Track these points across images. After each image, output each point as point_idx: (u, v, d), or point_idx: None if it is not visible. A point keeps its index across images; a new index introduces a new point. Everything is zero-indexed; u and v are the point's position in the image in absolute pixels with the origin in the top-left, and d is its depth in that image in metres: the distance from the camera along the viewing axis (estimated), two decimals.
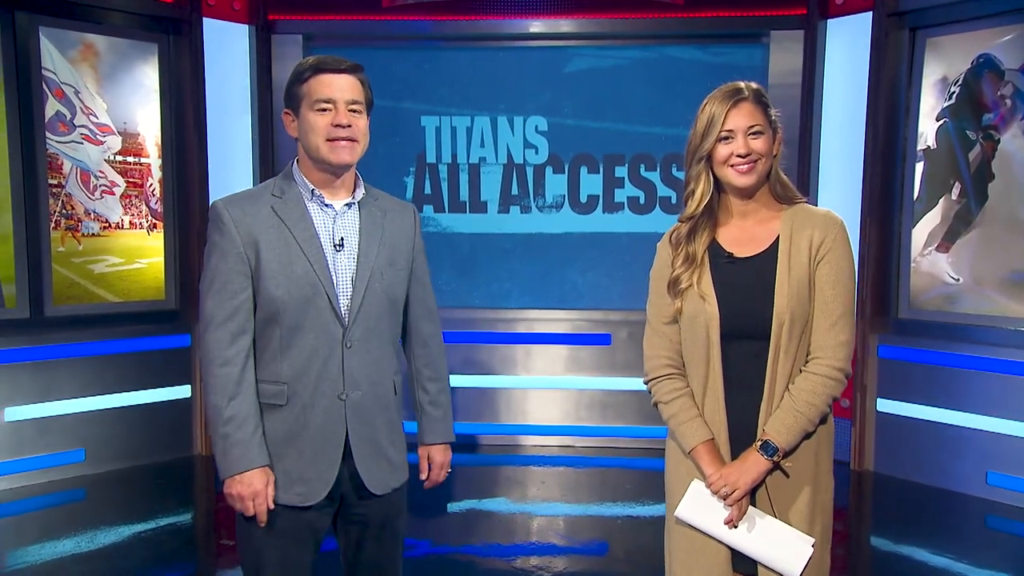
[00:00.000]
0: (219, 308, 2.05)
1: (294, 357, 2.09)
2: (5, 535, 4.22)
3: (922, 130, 4.80)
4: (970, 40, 4.57)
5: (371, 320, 2.15)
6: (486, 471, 5.23)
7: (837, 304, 2.00)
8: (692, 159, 2.07)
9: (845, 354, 2.02)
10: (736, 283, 2.05)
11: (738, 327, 2.04)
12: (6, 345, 4.71)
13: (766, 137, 2.01)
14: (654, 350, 2.16)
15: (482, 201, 5.66)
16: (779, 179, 2.08)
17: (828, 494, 2.09)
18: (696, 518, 2.06)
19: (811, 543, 1.99)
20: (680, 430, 2.10)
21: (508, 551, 4.03)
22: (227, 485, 2.05)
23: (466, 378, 5.56)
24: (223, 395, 2.04)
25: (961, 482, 4.65)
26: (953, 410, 4.68)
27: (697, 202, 2.06)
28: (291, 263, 2.07)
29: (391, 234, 2.20)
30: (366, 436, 2.16)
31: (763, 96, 2.04)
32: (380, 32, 5.44)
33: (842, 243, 2.02)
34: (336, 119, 2.03)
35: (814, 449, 2.05)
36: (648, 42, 5.42)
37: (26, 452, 4.80)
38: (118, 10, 4.98)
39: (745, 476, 1.99)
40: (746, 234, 2.08)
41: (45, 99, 4.81)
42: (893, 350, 4.92)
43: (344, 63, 2.07)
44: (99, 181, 5.03)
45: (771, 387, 2.02)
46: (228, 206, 2.08)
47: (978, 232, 4.58)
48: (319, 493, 2.10)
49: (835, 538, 4.33)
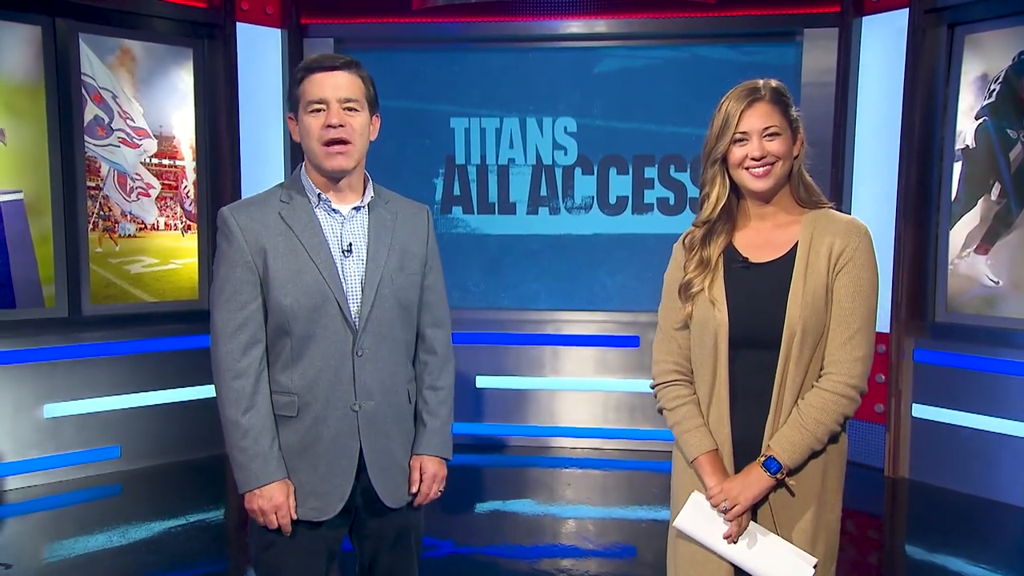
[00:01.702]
0: (229, 319, 2.02)
1: (305, 367, 2.05)
2: (43, 529, 4.31)
3: (960, 129, 4.73)
4: (1012, 36, 4.50)
5: (382, 326, 2.10)
6: (513, 472, 5.26)
7: (855, 317, 1.94)
8: (707, 161, 2.03)
9: (861, 371, 1.95)
10: (749, 289, 2.01)
11: (748, 335, 1.99)
12: (45, 343, 4.78)
13: (784, 139, 1.95)
14: (662, 355, 2.13)
15: (511, 202, 5.68)
16: (803, 182, 2.03)
17: (834, 514, 2.05)
18: (695, 530, 2.04)
19: (813, 564, 1.95)
20: (683, 439, 2.06)
21: (532, 552, 4.03)
22: (248, 500, 2.02)
23: (494, 379, 5.61)
24: (238, 408, 2.01)
25: (1000, 491, 4.58)
26: (992, 416, 4.62)
27: (712, 206, 2.02)
28: (300, 271, 2.03)
29: (402, 237, 2.15)
30: (381, 448, 2.12)
31: (783, 95, 1.98)
32: (410, 34, 5.48)
33: (865, 252, 1.96)
34: (328, 119, 1.97)
35: (822, 468, 2.00)
36: (679, 42, 5.42)
37: (64, 448, 4.87)
38: (154, 16, 5.04)
39: (747, 492, 1.96)
40: (763, 239, 2.04)
41: (84, 104, 4.88)
42: (929, 354, 4.88)
43: (338, 60, 2.01)
44: (135, 183, 5.08)
45: (778, 400, 1.98)
46: (235, 213, 2.05)
47: (1019, 233, 4.51)
48: (334, 507, 2.07)
49: (869, 546, 4.21)
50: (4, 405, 4.70)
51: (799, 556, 1.95)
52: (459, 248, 5.74)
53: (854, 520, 4.62)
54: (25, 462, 4.79)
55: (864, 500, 4.77)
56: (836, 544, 2.05)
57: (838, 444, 2.00)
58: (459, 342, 5.66)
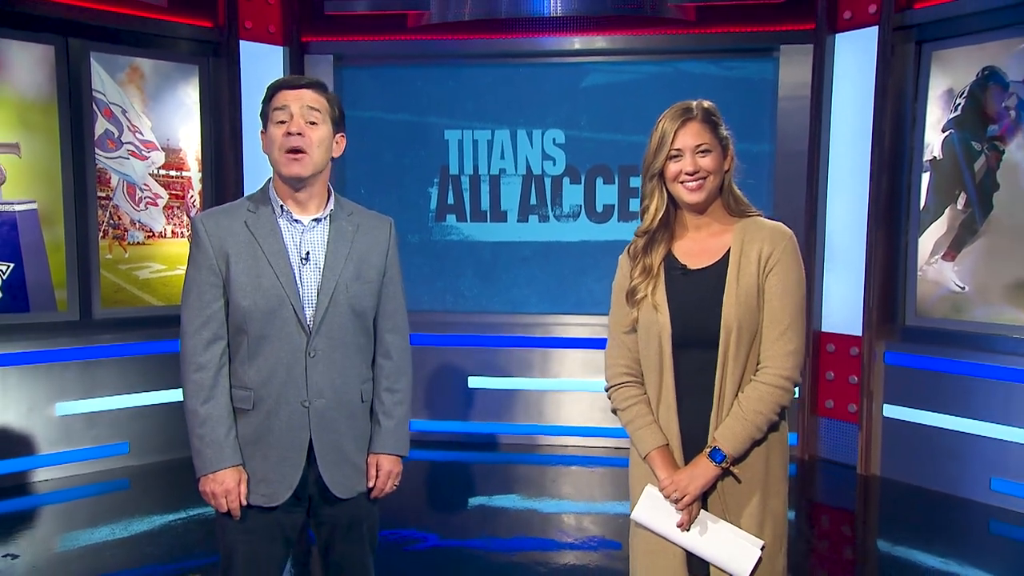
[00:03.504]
0: (194, 317, 2.06)
1: (260, 365, 2.09)
2: (54, 521, 4.35)
3: (928, 141, 4.76)
4: (975, 53, 4.53)
5: (335, 331, 2.13)
6: (502, 468, 5.26)
7: (785, 315, 1.99)
8: (646, 175, 2.07)
9: (793, 363, 2.00)
10: (688, 294, 2.05)
11: (689, 336, 2.03)
12: (57, 345, 4.81)
13: (715, 155, 2.00)
14: (613, 359, 2.16)
15: (502, 211, 5.68)
16: (732, 193, 2.07)
17: (780, 499, 2.09)
18: (650, 521, 2.07)
19: (760, 546, 1.99)
20: (636, 436, 2.10)
21: (516, 545, 4.04)
22: (202, 483, 2.06)
23: (485, 379, 5.60)
24: (197, 398, 2.05)
25: (965, 488, 4.60)
26: (958, 416, 4.63)
27: (652, 217, 2.06)
28: (259, 275, 2.07)
29: (361, 248, 2.17)
30: (330, 442, 2.14)
31: (713, 115, 2.03)
32: (406, 51, 5.49)
33: (791, 255, 2.01)
34: (288, 127, 2.01)
35: (765, 455, 2.04)
36: (662, 57, 5.41)
37: (74, 444, 4.89)
38: (162, 35, 5.06)
39: (695, 482, 1.99)
40: (699, 246, 2.08)
41: (95, 118, 4.90)
42: (899, 356, 4.88)
43: (304, 79, 2.07)
44: (144, 193, 5.10)
45: (720, 394, 2.02)
46: (205, 220, 2.09)
47: (983, 241, 4.54)
48: (282, 495, 2.10)
49: (842, 540, 4.27)
50: (18, 403, 4.72)
51: (747, 540, 1.99)
52: (452, 254, 5.76)
53: (828, 516, 4.74)
54: (38, 457, 4.81)
55: (837, 497, 4.84)
56: (784, 526, 2.09)
57: (779, 432, 2.06)
58: (452, 344, 5.43)
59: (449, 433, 5.68)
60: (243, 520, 2.10)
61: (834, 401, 5.24)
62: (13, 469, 4.70)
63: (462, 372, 5.63)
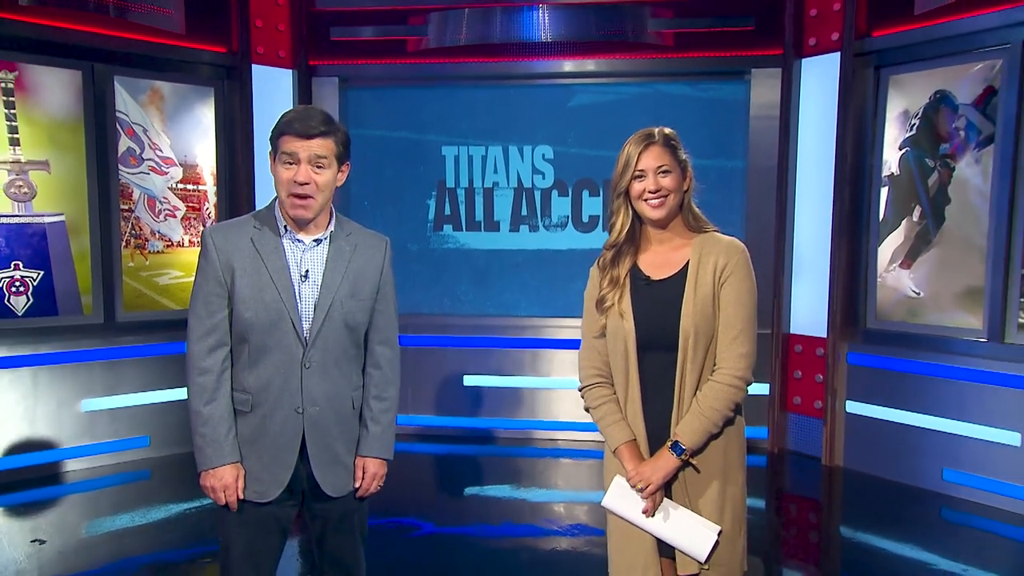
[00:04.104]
0: (200, 324, 2.06)
1: (259, 372, 2.08)
2: (80, 509, 4.36)
3: (886, 158, 4.78)
4: (928, 78, 4.55)
5: (330, 343, 2.12)
6: (496, 461, 5.26)
7: (738, 320, 2.03)
8: (613, 194, 2.09)
9: (745, 364, 2.03)
10: (651, 302, 2.07)
11: (652, 341, 2.06)
12: (83, 346, 4.82)
13: (674, 175, 2.03)
14: (585, 361, 2.19)
15: (495, 221, 5.68)
16: (691, 211, 2.11)
17: (737, 487, 2.11)
18: (620, 508, 2.10)
19: (717, 531, 2.03)
20: (606, 432, 2.12)
21: (508, 531, 4.08)
22: (203, 478, 2.07)
23: (480, 378, 5.60)
24: (200, 400, 2.05)
25: (920, 478, 4.64)
26: (914, 412, 4.66)
27: (618, 232, 2.10)
28: (262, 290, 2.06)
29: (357, 266, 2.16)
30: (323, 446, 2.14)
31: (672, 140, 2.06)
32: (406, 74, 5.51)
33: (743, 267, 2.05)
34: (297, 175, 2.00)
35: (722, 447, 2.07)
36: (643, 79, 5.41)
37: (99, 438, 4.91)
38: (181, 60, 5.07)
39: (658, 472, 2.02)
40: (661, 259, 2.11)
41: (118, 137, 4.90)
42: (861, 357, 4.90)
43: (313, 129, 2.00)
44: (163, 206, 5.10)
45: (680, 393, 2.05)
46: (214, 234, 2.09)
47: (936, 251, 4.57)
48: (273, 492, 2.10)
49: (808, 527, 4.28)
50: (48, 400, 4.74)
51: (705, 526, 2.03)
52: (449, 261, 5.75)
53: (795, 504, 4.74)
54: (65, 450, 4.81)
55: (804, 486, 4.88)
56: (743, 511, 2.12)
57: (735, 426, 2.09)
58: (449, 344, 5.46)
59: (446, 428, 5.67)
60: (240, 513, 2.11)
61: (801, 398, 5.25)
62: (42, 461, 4.73)
63: (458, 371, 5.61)
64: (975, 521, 4.19)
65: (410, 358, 5.42)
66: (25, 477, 4.65)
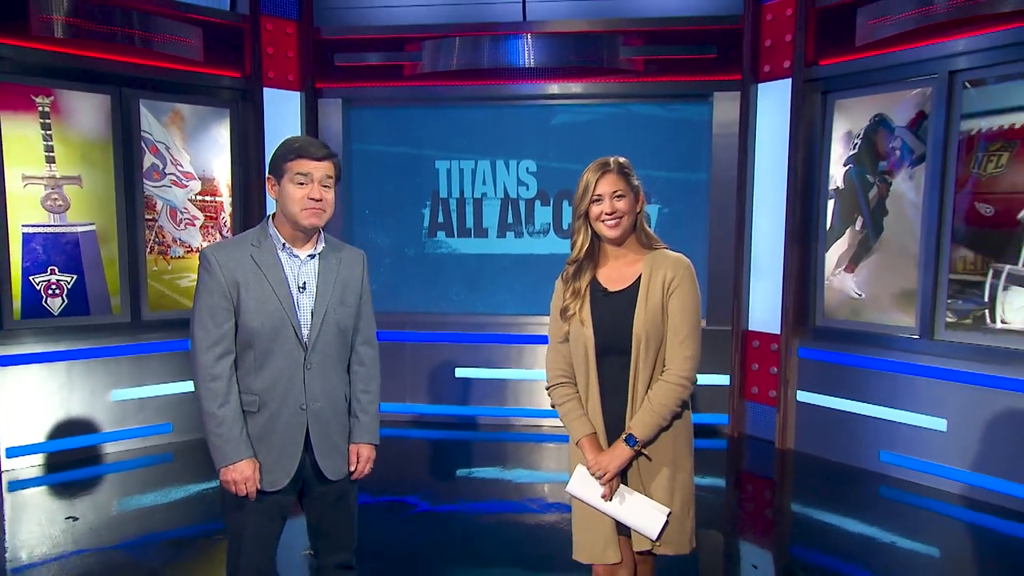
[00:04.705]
0: (207, 335, 2.05)
1: (265, 375, 2.09)
2: (109, 489, 4.43)
3: (832, 173, 4.82)
4: (869, 103, 4.61)
5: (326, 346, 2.15)
6: (484, 445, 5.30)
7: (684, 326, 2.07)
8: (575, 216, 2.14)
9: (691, 366, 2.07)
10: (608, 311, 2.12)
11: (609, 345, 2.10)
12: (112, 342, 4.88)
13: (628, 199, 2.08)
14: (551, 363, 2.22)
15: (484, 228, 5.70)
16: (644, 230, 2.15)
17: (686, 472, 2.15)
18: (581, 493, 2.15)
19: (667, 513, 2.08)
20: (570, 426, 2.17)
21: (494, 508, 4.13)
22: (223, 473, 2.07)
23: (471, 370, 5.62)
24: (214, 403, 2.05)
25: (860, 459, 4.70)
26: (855, 401, 4.72)
27: (579, 249, 2.14)
28: (265, 301, 2.07)
29: (344, 277, 2.20)
30: (324, 436, 2.17)
31: (625, 168, 2.11)
32: (403, 95, 5.52)
33: (688, 280, 2.09)
34: (311, 193, 2.04)
35: (672, 438, 2.12)
36: (616, 101, 5.43)
37: (127, 424, 4.97)
38: (199, 84, 5.11)
39: (614, 462, 2.08)
40: (617, 273, 2.15)
41: (143, 154, 4.93)
42: (810, 351, 4.95)
43: (322, 152, 2.06)
44: (184, 215, 5.14)
45: (633, 391, 2.09)
46: (215, 252, 2.08)
47: (876, 257, 4.63)
48: (283, 481, 2.13)
49: (763, 503, 4.39)
50: (81, 391, 4.80)
51: (657, 508, 2.09)
52: (442, 265, 5.74)
53: (752, 483, 4.74)
54: (96, 435, 4.87)
55: (759, 467, 4.92)
56: (691, 494, 2.17)
57: (682, 419, 2.13)
58: (443, 340, 5.58)
59: (439, 415, 5.68)
60: (251, 502, 2.11)
61: (758, 388, 5.30)
62: (76, 445, 4.78)
63: (451, 364, 5.63)
64: (907, 498, 4.27)
65: (407, 352, 5.58)
66: (60, 460, 4.71)
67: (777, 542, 3.84)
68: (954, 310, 4.30)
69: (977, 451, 4.22)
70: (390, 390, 5.50)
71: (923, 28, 4.26)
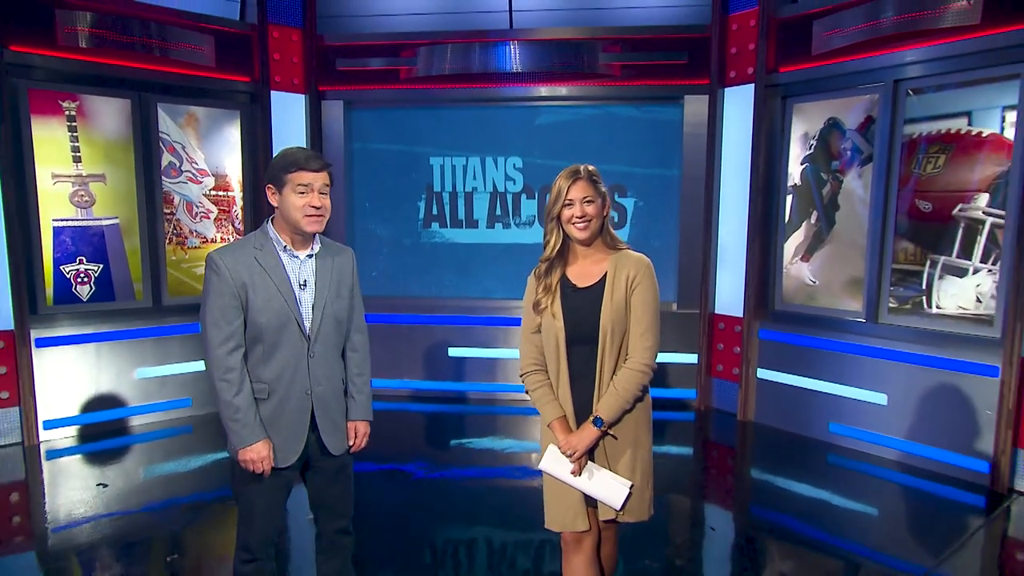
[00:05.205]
0: (219, 332, 2.08)
1: (273, 365, 2.14)
2: (135, 458, 4.49)
3: (791, 171, 4.89)
4: (823, 107, 4.68)
5: (326, 336, 2.21)
6: (476, 418, 5.37)
7: (645, 319, 2.11)
8: (547, 219, 2.18)
9: (651, 355, 2.11)
10: (576, 306, 2.16)
11: (577, 336, 2.15)
12: (136, 325, 4.98)
13: (596, 204, 2.12)
14: (524, 352, 2.25)
15: (475, 219, 5.75)
16: (609, 232, 2.19)
17: (645, 450, 2.20)
18: (553, 469, 2.19)
19: (629, 486, 2.13)
20: (542, 409, 2.21)
21: (485, 474, 4.22)
22: (241, 454, 2.12)
23: (463, 349, 5.70)
24: (230, 392, 2.09)
25: (812, 430, 4.84)
26: (808, 377, 4.84)
27: (551, 248, 2.19)
28: (271, 299, 2.11)
29: (338, 273, 2.25)
30: (327, 416, 2.24)
31: (594, 176, 2.15)
32: (400, 97, 5.58)
33: (648, 277, 2.13)
34: (311, 201, 2.09)
35: (634, 420, 2.17)
36: (595, 102, 5.48)
37: (151, 399, 5.07)
38: (212, 88, 5.16)
39: (583, 442, 2.13)
40: (585, 271, 2.19)
41: (161, 154, 4.99)
42: (770, 333, 5.06)
43: (320, 163, 2.10)
44: (199, 209, 5.19)
45: (600, 378, 2.13)
46: (222, 256, 2.10)
47: (829, 248, 4.72)
48: (291, 458, 2.20)
49: (726, 469, 4.51)
50: (108, 369, 4.89)
51: (619, 481, 2.15)
52: (436, 253, 5.79)
53: (716, 451, 4.78)
54: (123, 410, 4.97)
55: (722, 437, 5.00)
56: (650, 469, 2.22)
57: (644, 402, 2.18)
58: (437, 322, 5.70)
59: (434, 391, 5.76)
60: (260, 478, 2.16)
61: (723, 366, 5.41)
62: (105, 418, 4.88)
63: (444, 344, 5.71)
64: (852, 464, 4.38)
65: (404, 333, 5.67)
66: (91, 432, 4.81)
67: (737, 504, 3.94)
68: (896, 296, 4.41)
69: (913, 423, 4.36)
70: (389, 368, 5.71)
71: (872, 40, 4.35)
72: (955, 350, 4.14)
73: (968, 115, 4.06)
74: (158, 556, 3.26)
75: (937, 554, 3.30)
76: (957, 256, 4.13)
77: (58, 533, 3.45)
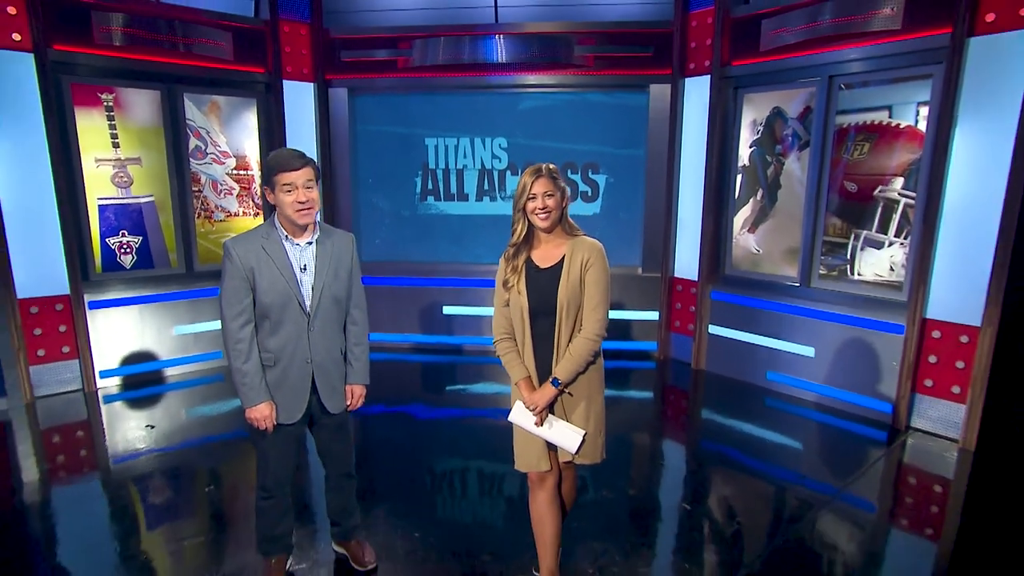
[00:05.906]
0: (232, 308, 2.18)
1: (278, 338, 2.23)
2: (177, 402, 4.61)
3: (741, 154, 5.01)
4: (768, 97, 4.80)
5: (325, 313, 2.28)
6: (468, 367, 5.49)
7: (596, 295, 2.20)
8: (514, 209, 2.27)
9: (601, 326, 2.20)
10: (539, 284, 2.26)
11: (539, 309, 2.26)
12: (172, 289, 5.11)
13: (556, 197, 2.21)
14: (496, 323, 2.36)
15: (465, 193, 5.84)
16: (567, 221, 2.27)
17: (597, 403, 2.30)
18: (520, 421, 2.31)
19: (583, 434, 2.25)
20: (511, 371, 2.31)
21: (477, 414, 4.34)
22: (247, 412, 2.23)
23: (456, 308, 5.84)
24: (240, 360, 2.19)
25: (753, 377, 5.04)
26: (751, 333, 5.03)
27: (518, 235, 2.28)
28: (274, 282, 2.19)
29: (337, 256, 2.30)
30: (326, 381, 2.33)
31: (554, 173, 2.23)
32: (398, 84, 5.64)
33: (600, 260, 2.21)
34: (298, 197, 2.14)
35: (587, 379, 2.28)
36: (572, 90, 5.54)
37: (188, 352, 5.26)
38: (232, 80, 5.22)
39: (543, 398, 2.24)
40: (547, 254, 2.28)
41: (188, 138, 5.09)
42: (720, 295, 5.22)
43: (299, 162, 2.13)
44: (223, 187, 5.31)
45: (558, 344, 2.24)
46: (235, 245, 2.18)
47: (771, 222, 4.88)
48: (295, 416, 2.30)
49: (680, 411, 4.68)
50: (150, 327, 5.05)
51: (574, 430, 2.26)
52: (432, 224, 5.88)
53: (673, 395, 4.90)
54: (163, 362, 5.13)
55: (679, 383, 5.15)
56: (602, 419, 2.32)
57: (596, 364, 2.28)
58: (433, 284, 5.90)
59: (431, 343, 5.91)
60: (273, 433, 2.28)
61: (680, 322, 5.61)
62: (148, 369, 5.07)
63: (439, 303, 5.85)
64: (785, 406, 4.58)
65: (404, 293, 5.82)
66: (136, 381, 4.99)
67: (690, 439, 4.11)
68: (825, 264, 4.61)
69: (834, 371, 4.58)
70: (393, 324, 5.90)
71: (811, 40, 4.48)
72: (870, 311, 4.34)
73: (889, 108, 4.21)
74: (199, 486, 3.43)
75: (846, 477, 3.54)
76: (876, 231, 4.31)
77: (117, 464, 3.66)
